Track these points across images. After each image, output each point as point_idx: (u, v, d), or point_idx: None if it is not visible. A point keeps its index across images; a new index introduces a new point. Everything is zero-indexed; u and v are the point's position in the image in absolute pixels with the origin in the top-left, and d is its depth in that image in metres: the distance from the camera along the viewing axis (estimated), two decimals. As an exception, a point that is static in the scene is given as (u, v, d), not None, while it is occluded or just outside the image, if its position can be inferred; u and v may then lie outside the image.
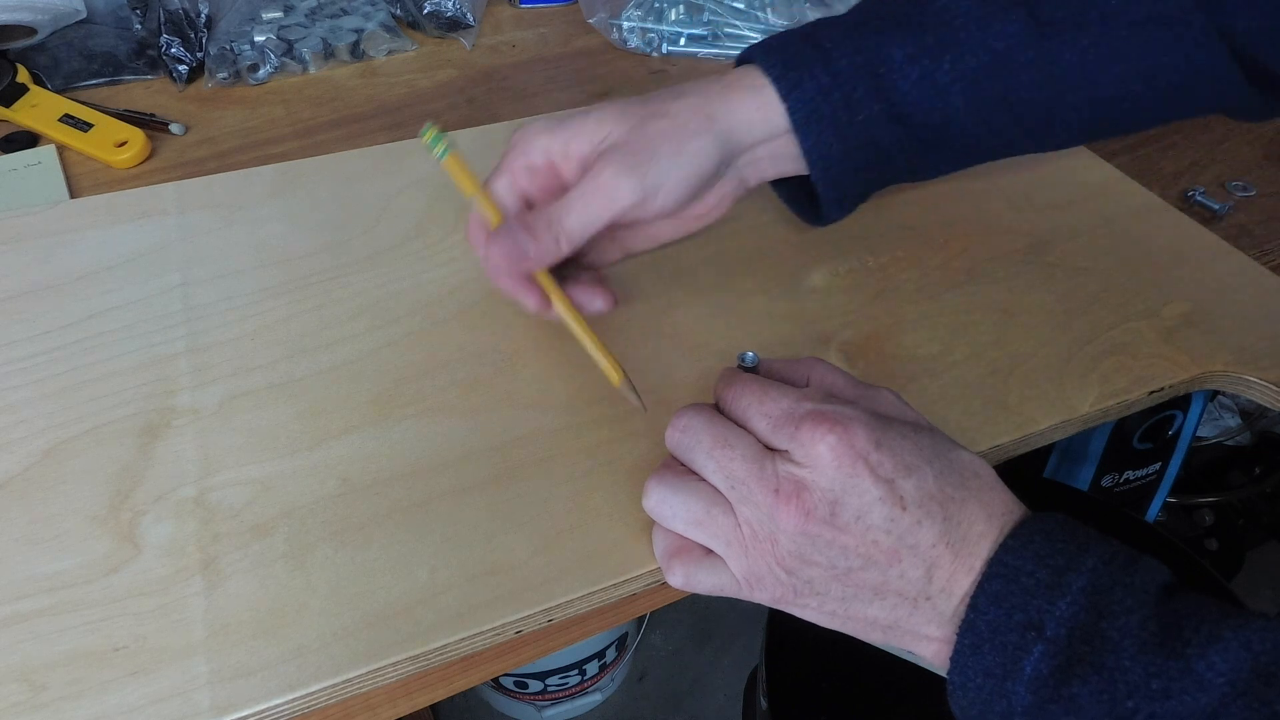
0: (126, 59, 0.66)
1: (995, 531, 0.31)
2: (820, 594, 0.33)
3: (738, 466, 0.33)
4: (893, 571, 0.31)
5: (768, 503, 0.32)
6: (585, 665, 1.09)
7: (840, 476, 0.31)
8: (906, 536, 0.31)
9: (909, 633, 0.33)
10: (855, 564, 0.32)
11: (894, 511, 0.31)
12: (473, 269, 0.49)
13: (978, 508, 0.32)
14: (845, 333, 0.46)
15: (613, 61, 0.70)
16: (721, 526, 0.34)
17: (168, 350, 0.43)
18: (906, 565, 0.31)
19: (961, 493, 0.32)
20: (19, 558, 0.35)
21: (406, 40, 0.70)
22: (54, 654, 0.32)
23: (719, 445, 0.34)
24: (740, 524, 0.33)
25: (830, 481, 0.31)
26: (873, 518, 0.31)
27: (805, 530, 0.32)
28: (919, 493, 0.31)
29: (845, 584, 0.32)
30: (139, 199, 0.52)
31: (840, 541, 0.31)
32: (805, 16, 0.70)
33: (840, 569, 0.32)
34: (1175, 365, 0.45)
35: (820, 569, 0.32)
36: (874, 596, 0.32)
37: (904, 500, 0.31)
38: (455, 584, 0.35)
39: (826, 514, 0.31)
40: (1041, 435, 0.42)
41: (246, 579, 0.35)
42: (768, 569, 0.33)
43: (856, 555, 0.32)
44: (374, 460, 0.39)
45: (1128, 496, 0.88)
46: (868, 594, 0.32)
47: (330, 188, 0.54)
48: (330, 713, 0.36)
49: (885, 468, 0.31)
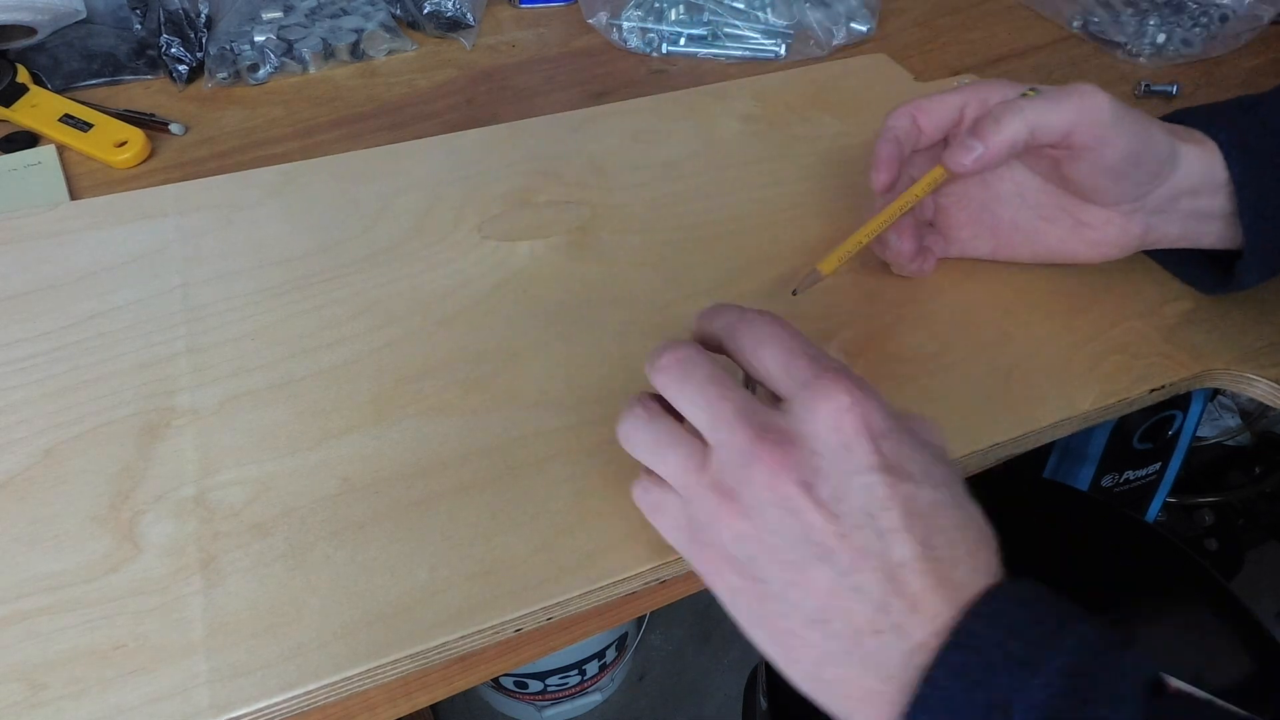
0: (126, 59, 0.66)
1: (969, 592, 0.28)
2: (758, 580, 0.29)
3: (726, 406, 0.30)
4: (847, 581, 0.28)
5: (746, 445, 0.29)
6: (585, 665, 1.09)
7: (837, 444, 0.29)
8: (880, 541, 0.28)
9: (840, 680, 0.28)
10: (810, 555, 0.28)
11: (879, 505, 0.28)
12: (473, 269, 0.49)
13: (965, 555, 0.29)
14: (845, 332, 0.46)
15: (613, 61, 0.70)
16: (685, 460, 0.31)
17: (168, 350, 0.43)
18: (866, 576, 0.28)
19: (954, 532, 0.29)
20: (19, 557, 0.35)
21: (406, 40, 0.70)
22: (54, 653, 0.32)
23: (713, 382, 0.31)
24: (708, 464, 0.30)
25: (824, 445, 0.29)
26: (853, 502, 0.28)
27: (774, 487, 0.28)
28: (910, 503, 0.28)
29: (788, 579, 0.29)
30: (139, 200, 0.52)
31: (807, 518, 0.28)
32: (805, 17, 0.70)
33: (791, 557, 0.28)
34: (1176, 363, 0.45)
35: (769, 548, 0.29)
36: (815, 611, 0.28)
37: (893, 500, 0.28)
38: (455, 583, 0.35)
39: (806, 477, 0.28)
40: (1042, 434, 0.42)
41: (246, 578, 0.35)
42: (717, 522, 0.30)
43: (816, 543, 0.28)
44: (374, 460, 0.39)
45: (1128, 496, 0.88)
46: (809, 604, 0.28)
47: (330, 188, 0.54)
48: (330, 712, 0.36)
49: (890, 452, 0.29)
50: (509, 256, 0.49)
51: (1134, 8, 0.74)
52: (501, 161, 0.56)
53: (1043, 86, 0.43)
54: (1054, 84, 0.68)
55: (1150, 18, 0.72)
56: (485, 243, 0.50)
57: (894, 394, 0.43)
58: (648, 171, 0.56)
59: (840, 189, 0.55)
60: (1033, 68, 0.70)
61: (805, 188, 0.55)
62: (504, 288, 0.47)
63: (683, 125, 0.60)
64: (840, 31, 0.71)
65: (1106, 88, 0.70)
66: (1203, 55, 0.72)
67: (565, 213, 0.53)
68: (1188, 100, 0.68)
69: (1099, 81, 0.69)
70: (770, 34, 0.70)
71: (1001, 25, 0.76)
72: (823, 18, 0.71)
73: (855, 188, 0.55)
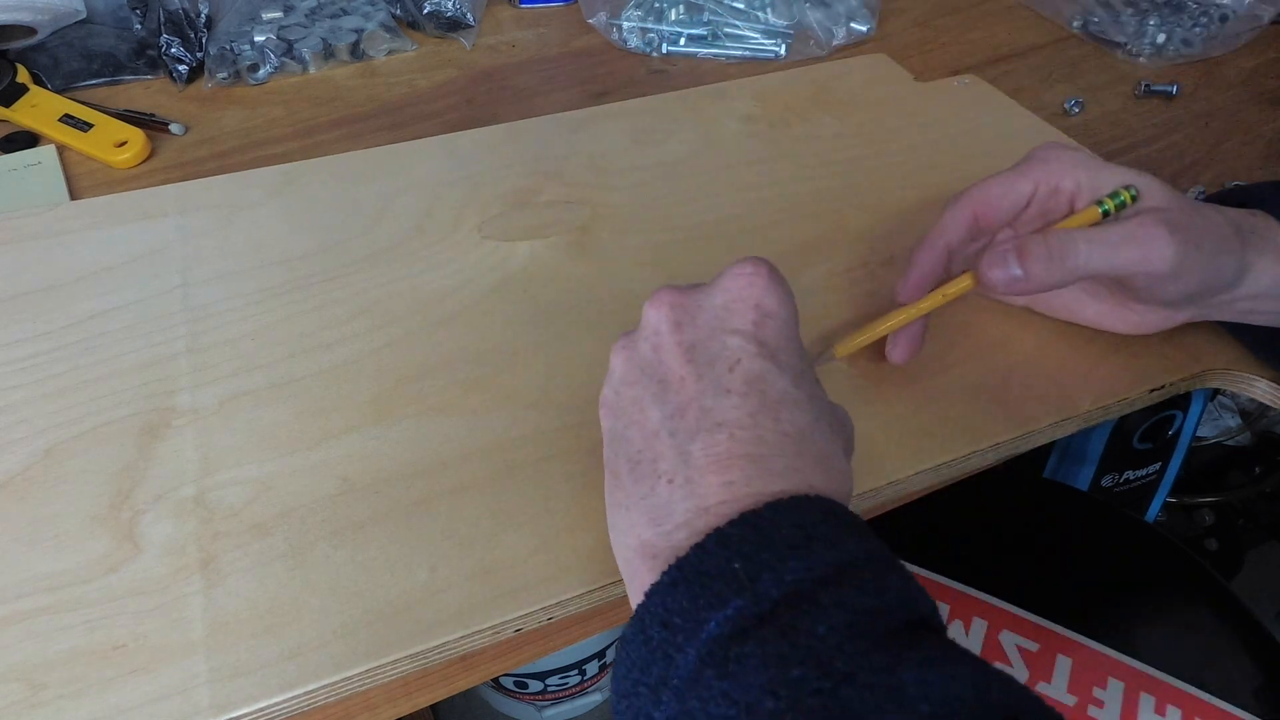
0: (126, 59, 0.66)
1: (779, 485, 0.27)
2: (616, 416, 0.31)
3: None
4: (669, 424, 0.29)
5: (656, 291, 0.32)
6: (585, 665, 1.09)
7: (722, 303, 0.30)
8: (713, 396, 0.28)
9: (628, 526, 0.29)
10: (652, 392, 0.30)
11: (728, 362, 0.29)
12: (473, 269, 0.49)
13: (791, 455, 0.28)
14: (845, 332, 0.46)
15: (613, 61, 0.70)
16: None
17: (168, 350, 0.43)
18: (685, 423, 0.28)
19: (791, 430, 0.28)
20: (19, 557, 0.35)
21: (406, 40, 0.70)
22: (54, 653, 0.32)
23: None
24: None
25: (710, 300, 0.31)
26: (709, 352, 0.29)
27: (653, 323, 0.31)
28: (760, 380, 0.29)
29: (631, 416, 0.30)
30: (139, 200, 0.52)
31: (664, 355, 0.30)
32: (805, 17, 0.70)
33: (639, 393, 0.30)
34: (1176, 363, 0.45)
35: (629, 382, 0.31)
36: (636, 451, 0.30)
37: (744, 367, 0.29)
38: (455, 582, 0.35)
39: (681, 319, 0.30)
40: (1042, 434, 0.42)
41: (246, 578, 0.35)
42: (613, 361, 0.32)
43: (661, 381, 0.30)
44: (374, 459, 0.39)
45: (1128, 496, 0.88)
46: (636, 443, 0.30)
47: (330, 188, 0.54)
48: (330, 712, 0.36)
49: (768, 330, 0.30)
50: (509, 256, 0.49)
51: (1134, 8, 0.74)
52: (501, 161, 0.56)
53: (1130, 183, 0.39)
54: (1054, 84, 0.68)
55: (1150, 18, 0.72)
56: (485, 243, 0.50)
57: (895, 394, 0.43)
58: (648, 171, 0.56)
59: (840, 189, 0.55)
60: (1033, 68, 0.70)
61: (805, 188, 0.55)
62: (504, 288, 0.47)
63: (683, 125, 0.60)
64: (840, 31, 0.71)
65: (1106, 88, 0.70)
66: (1203, 55, 0.72)
67: (565, 213, 0.53)
68: (1188, 100, 0.68)
69: (1099, 82, 0.69)
70: (770, 34, 0.70)
71: (1001, 25, 0.76)
72: (823, 18, 0.71)
73: (855, 187, 0.55)
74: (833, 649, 0.23)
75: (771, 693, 0.23)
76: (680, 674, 0.24)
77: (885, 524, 0.56)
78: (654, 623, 0.25)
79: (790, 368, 0.30)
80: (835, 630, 0.23)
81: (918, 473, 0.40)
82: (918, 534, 0.62)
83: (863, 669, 0.23)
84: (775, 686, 0.23)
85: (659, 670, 0.25)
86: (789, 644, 0.23)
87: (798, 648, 0.23)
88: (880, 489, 0.39)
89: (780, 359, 0.30)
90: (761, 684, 0.23)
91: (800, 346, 0.32)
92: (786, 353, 0.30)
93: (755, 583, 0.24)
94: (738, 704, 0.23)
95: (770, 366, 0.29)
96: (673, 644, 0.25)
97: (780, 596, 0.24)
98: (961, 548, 0.62)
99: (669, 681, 0.24)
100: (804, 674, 0.23)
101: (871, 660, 0.23)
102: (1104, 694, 0.55)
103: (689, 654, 0.24)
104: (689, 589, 0.25)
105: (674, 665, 0.24)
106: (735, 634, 0.24)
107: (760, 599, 0.24)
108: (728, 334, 0.30)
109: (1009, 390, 0.43)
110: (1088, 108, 0.66)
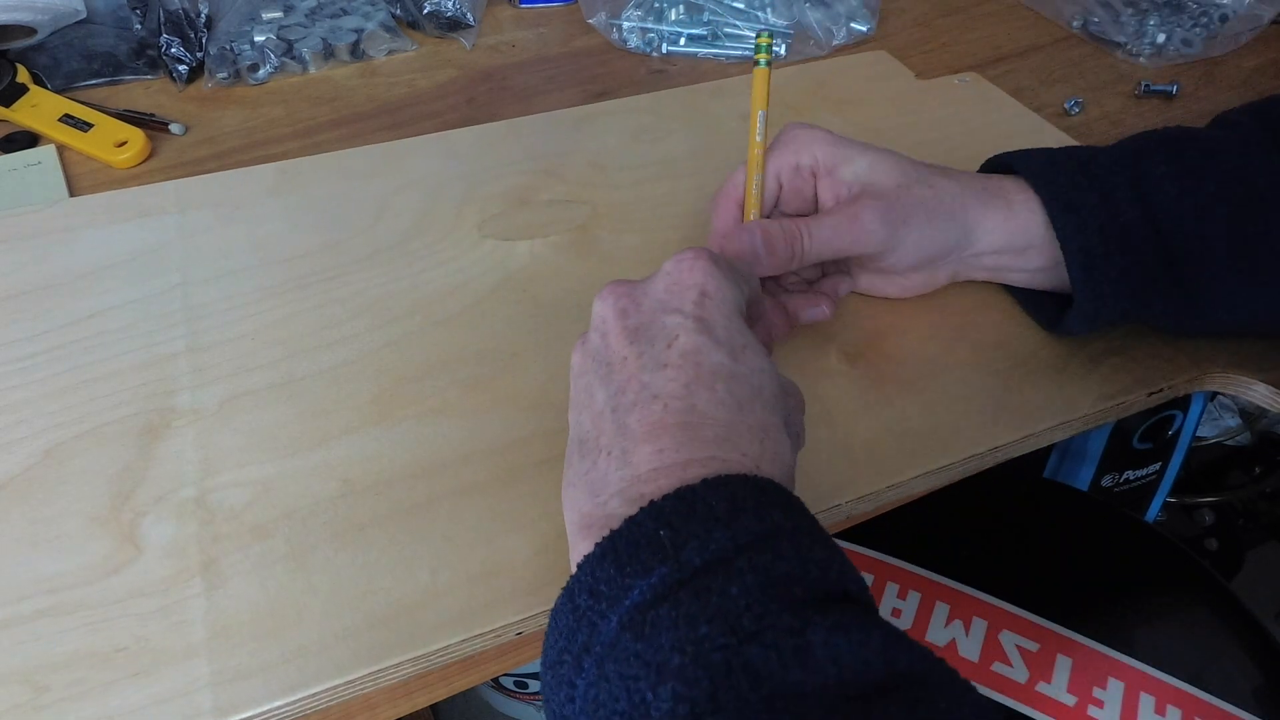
0: (126, 59, 0.65)
1: (713, 451, 0.28)
2: (574, 407, 0.33)
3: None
4: (612, 401, 0.30)
5: (606, 286, 0.33)
6: (585, 665, 1.09)
7: (664, 288, 0.32)
8: (652, 371, 0.30)
9: (572, 501, 0.30)
10: (599, 376, 0.31)
11: (667, 339, 0.30)
12: (473, 268, 0.48)
13: (724, 425, 0.29)
14: (846, 333, 0.46)
15: (613, 61, 0.70)
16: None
17: (168, 350, 0.43)
18: (626, 398, 0.30)
19: (730, 402, 0.30)
20: (20, 558, 0.35)
21: (406, 40, 0.70)
22: (55, 655, 0.32)
23: None
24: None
25: (654, 288, 0.32)
26: (650, 333, 0.31)
27: (601, 313, 0.32)
28: (697, 354, 0.30)
29: (582, 401, 0.32)
30: (138, 198, 0.52)
31: (610, 340, 0.31)
32: (805, 17, 0.70)
33: (588, 380, 0.32)
34: (1174, 366, 0.45)
35: (581, 371, 0.33)
36: (585, 432, 0.31)
37: (681, 342, 0.30)
38: (456, 585, 0.35)
39: (625, 306, 0.32)
40: (1042, 435, 0.42)
41: (247, 580, 0.35)
42: (572, 356, 0.34)
43: (606, 364, 0.31)
44: (375, 461, 0.39)
45: (1128, 496, 0.88)
46: (585, 425, 0.31)
47: (330, 187, 0.54)
48: (331, 713, 0.36)
49: (708, 308, 0.31)
50: (509, 255, 0.49)
51: (1134, 8, 0.74)
52: (502, 160, 0.56)
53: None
54: (1054, 84, 0.68)
55: (1150, 18, 0.72)
56: (485, 241, 0.50)
57: (895, 396, 0.43)
58: (648, 170, 0.56)
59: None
60: (1033, 68, 0.70)
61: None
62: (504, 287, 0.47)
63: (682, 124, 0.60)
64: (840, 31, 0.71)
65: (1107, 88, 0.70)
66: (1203, 55, 0.72)
67: (565, 211, 0.53)
68: (1188, 100, 0.68)
69: (1099, 82, 0.69)
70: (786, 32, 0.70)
71: (1001, 25, 0.76)
72: (823, 17, 0.71)
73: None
74: (741, 608, 0.23)
75: (679, 649, 0.23)
76: (602, 640, 0.25)
77: (885, 524, 0.56)
78: (582, 591, 0.26)
79: (728, 342, 0.31)
80: (747, 591, 0.24)
81: (918, 475, 0.40)
82: (918, 534, 0.62)
83: (770, 629, 0.23)
84: (683, 644, 0.23)
85: (583, 638, 0.25)
86: (700, 604, 0.24)
87: (708, 607, 0.24)
88: (880, 491, 0.39)
89: (718, 333, 0.31)
90: (671, 643, 0.23)
91: (742, 324, 0.32)
92: (725, 329, 0.31)
93: (680, 551, 0.25)
94: (649, 664, 0.23)
95: (706, 340, 0.30)
96: (597, 611, 0.25)
97: (701, 564, 0.25)
98: (961, 548, 0.62)
99: (591, 649, 0.25)
100: (710, 631, 0.23)
101: (780, 621, 0.23)
102: (1104, 694, 0.55)
103: (611, 620, 0.25)
104: (616, 559, 0.26)
105: (597, 632, 0.25)
106: (655, 599, 0.24)
107: (683, 566, 0.25)
108: (668, 314, 0.31)
109: (1009, 393, 0.43)
110: (1088, 108, 0.65)
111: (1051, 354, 0.45)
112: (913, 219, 0.41)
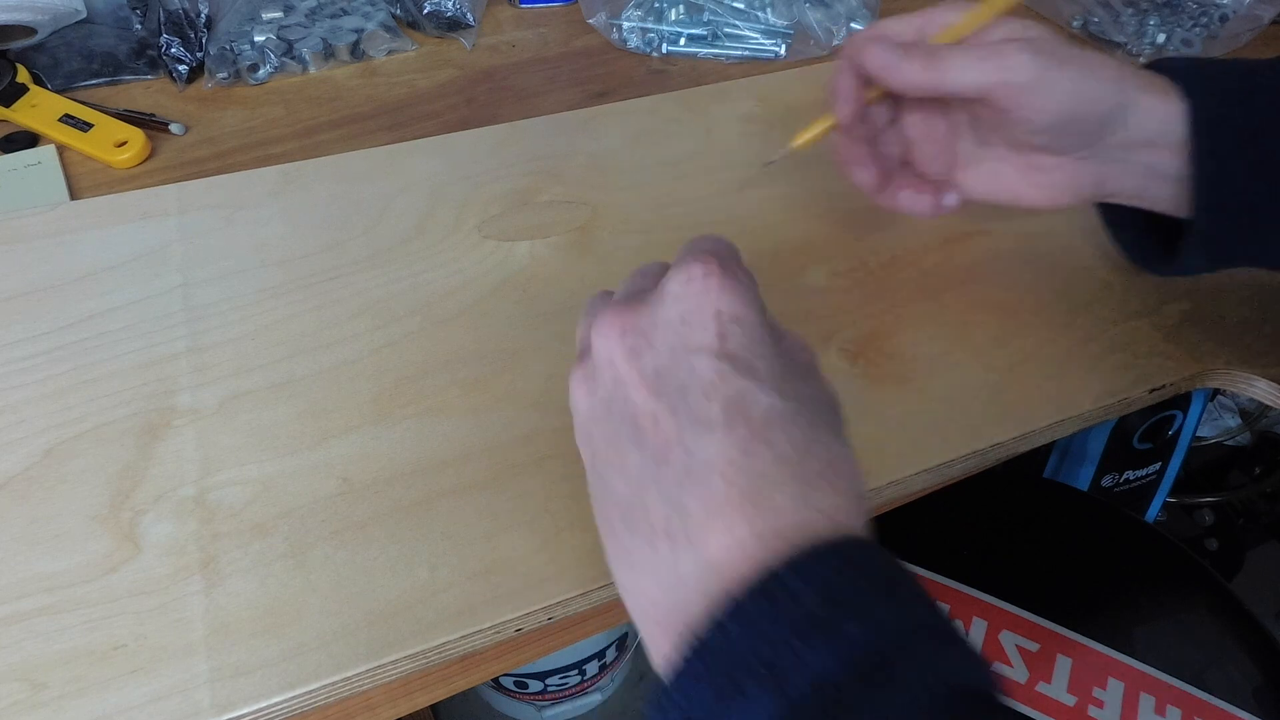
0: (126, 59, 0.66)
1: (787, 519, 0.24)
2: (594, 454, 0.28)
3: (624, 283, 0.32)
4: (650, 471, 0.25)
5: (602, 306, 0.29)
6: (585, 665, 1.09)
7: (677, 316, 0.26)
8: (692, 432, 0.25)
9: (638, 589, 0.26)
10: (627, 433, 0.26)
11: (701, 391, 0.25)
12: (473, 269, 0.49)
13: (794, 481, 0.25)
14: (846, 332, 0.46)
15: (613, 61, 0.70)
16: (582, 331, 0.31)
17: (168, 350, 0.43)
18: (668, 470, 0.25)
19: (791, 451, 0.25)
20: (19, 557, 0.35)
21: (406, 40, 0.70)
22: (54, 653, 0.32)
23: None
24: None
25: (664, 315, 0.27)
26: (676, 381, 0.26)
27: (606, 350, 0.27)
28: (740, 402, 0.25)
29: (607, 458, 0.27)
30: (139, 199, 0.52)
31: (629, 391, 0.27)
32: (805, 17, 0.70)
33: (612, 432, 0.27)
34: (1176, 363, 0.45)
35: (597, 418, 0.28)
36: (624, 499, 0.26)
37: (720, 391, 0.25)
38: (455, 582, 0.35)
39: (636, 344, 0.27)
40: (1042, 434, 0.42)
41: (246, 578, 0.35)
42: (573, 386, 0.29)
43: (632, 419, 0.26)
44: (374, 460, 0.39)
45: (1128, 496, 0.88)
46: (620, 490, 0.26)
47: (330, 188, 0.54)
48: (330, 712, 0.36)
49: (735, 340, 0.26)
50: (509, 256, 0.49)
51: (1134, 8, 0.74)
52: (502, 161, 0.56)
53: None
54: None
55: (1150, 18, 0.72)
56: (485, 242, 0.50)
57: (894, 394, 0.43)
58: (648, 171, 0.56)
59: (841, 189, 0.55)
60: (1033, 68, 0.70)
61: (805, 188, 0.55)
62: (504, 288, 0.47)
63: (683, 125, 0.60)
64: (840, 31, 0.71)
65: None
66: (1203, 55, 0.72)
67: (565, 212, 0.53)
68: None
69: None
70: (770, 34, 0.70)
71: (1001, 25, 0.76)
72: (823, 18, 0.71)
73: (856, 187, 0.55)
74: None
75: None
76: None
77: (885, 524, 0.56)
78: (676, 713, 0.23)
79: (769, 376, 0.26)
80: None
81: (918, 472, 0.40)
82: (918, 534, 0.62)
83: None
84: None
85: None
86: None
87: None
88: (881, 489, 0.39)
89: (757, 369, 0.26)
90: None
91: (772, 342, 0.28)
92: (762, 358, 0.27)
93: (784, 683, 0.22)
94: None
95: (749, 385, 0.26)
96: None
97: (811, 692, 0.21)
98: (962, 548, 0.62)
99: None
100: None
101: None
102: (1104, 694, 0.55)
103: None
104: (713, 682, 0.23)
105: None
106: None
107: (789, 697, 0.22)
108: (692, 354, 0.26)
109: (1009, 390, 0.43)
110: (1088, 108, 0.65)
111: (1052, 351, 0.45)
112: (1067, 65, 0.38)
